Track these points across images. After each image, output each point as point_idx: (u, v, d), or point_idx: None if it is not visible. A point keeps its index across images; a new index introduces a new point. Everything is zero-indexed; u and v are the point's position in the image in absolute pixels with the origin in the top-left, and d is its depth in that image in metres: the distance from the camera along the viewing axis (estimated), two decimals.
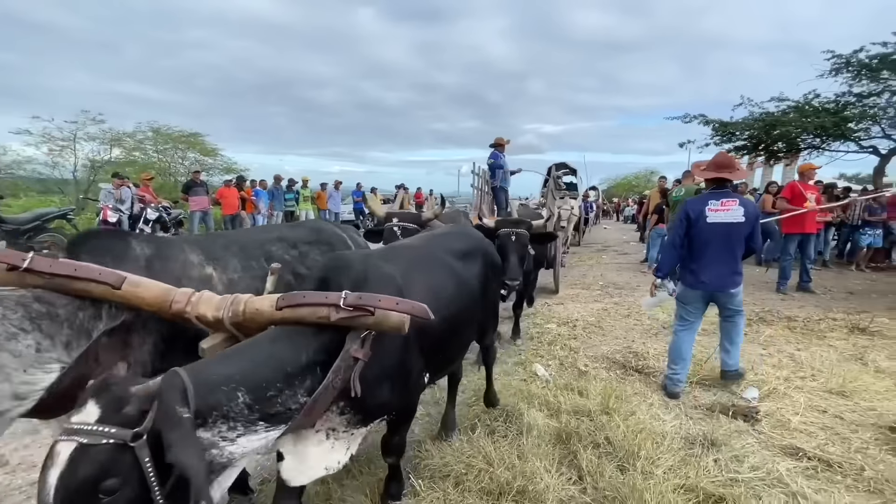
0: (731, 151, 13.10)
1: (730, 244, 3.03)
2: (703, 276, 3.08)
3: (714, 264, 3.05)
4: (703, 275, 3.07)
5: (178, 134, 18.57)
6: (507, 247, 3.31)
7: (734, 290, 3.10)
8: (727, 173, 3.11)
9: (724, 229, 3.02)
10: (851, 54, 10.36)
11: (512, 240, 3.34)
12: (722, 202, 3.04)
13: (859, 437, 2.54)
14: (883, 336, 4.36)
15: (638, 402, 2.91)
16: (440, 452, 2.28)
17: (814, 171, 6.82)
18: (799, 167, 6.45)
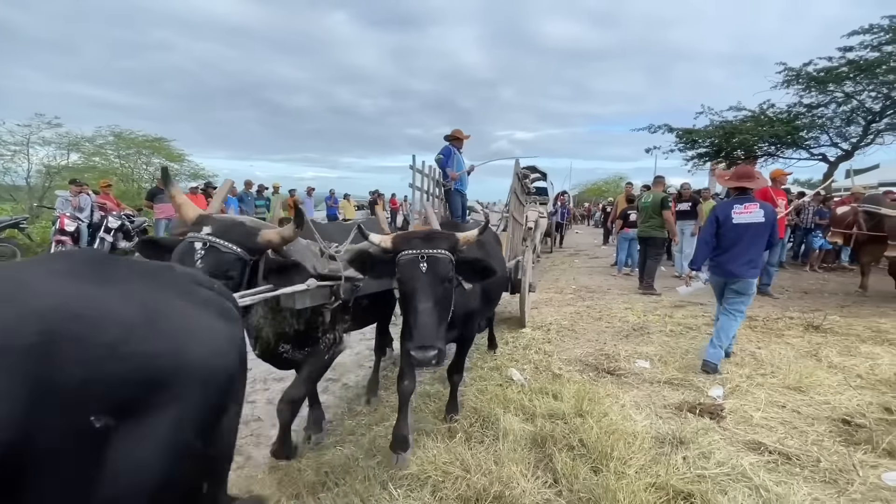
0: (694, 158, 13.68)
1: (751, 241, 3.60)
2: (729, 266, 3.64)
3: (739, 256, 3.61)
4: (730, 265, 3.64)
5: (142, 139, 17.90)
6: (412, 285, 1.91)
7: (751, 279, 3.67)
8: (747, 182, 3.70)
9: (747, 229, 3.59)
10: (801, 67, 11.02)
11: (420, 271, 1.91)
12: (745, 206, 3.63)
13: (815, 430, 2.68)
14: (834, 333, 4.62)
15: (610, 403, 2.98)
16: (417, 460, 2.27)
17: (785, 178, 7.21)
18: (771, 173, 6.80)
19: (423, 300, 1.86)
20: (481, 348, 4.23)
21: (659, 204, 6.86)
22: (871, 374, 3.49)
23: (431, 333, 1.81)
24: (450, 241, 2.05)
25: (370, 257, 2.05)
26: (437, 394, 3.22)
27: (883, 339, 4.37)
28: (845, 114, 11.32)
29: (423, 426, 2.71)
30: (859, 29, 9.87)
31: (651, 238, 7.02)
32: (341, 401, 3.26)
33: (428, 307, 1.85)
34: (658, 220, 6.88)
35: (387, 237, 2.10)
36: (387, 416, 2.87)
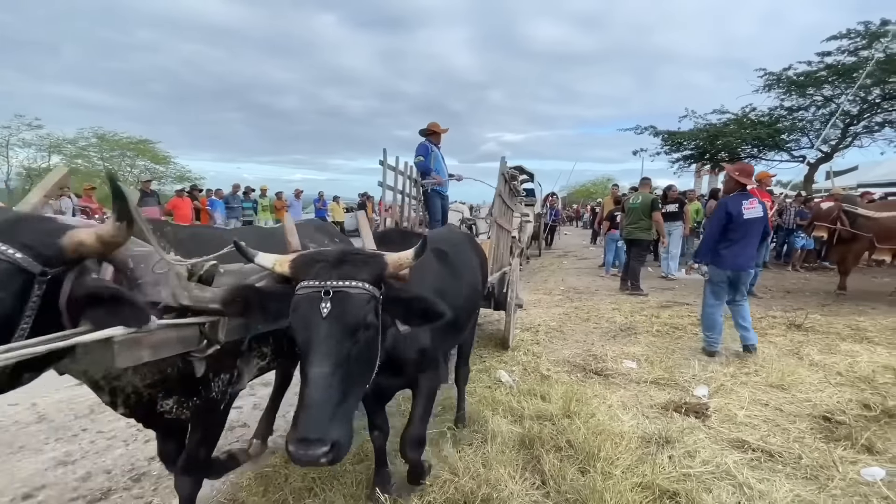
0: (679, 160, 13.89)
1: (755, 234, 3.95)
2: (740, 259, 3.90)
3: (746, 249, 3.92)
4: (739, 258, 3.90)
5: (126, 140, 17.63)
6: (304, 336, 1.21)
7: (752, 271, 4.10)
8: (748, 181, 4.06)
9: (753, 223, 3.89)
10: (781, 72, 11.27)
11: (319, 315, 1.19)
12: (750, 202, 3.91)
13: (797, 428, 2.73)
14: (815, 332, 4.72)
15: (598, 403, 3.00)
16: (405, 464, 2.26)
17: (770, 179, 7.36)
18: (756, 175, 6.96)
19: (318, 363, 1.16)
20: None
21: (649, 206, 6.92)
22: (851, 372, 3.57)
23: (321, 419, 1.13)
24: (373, 266, 1.31)
25: (256, 294, 1.30)
26: None
27: (861, 337, 4.48)
28: (824, 117, 11.60)
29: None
30: (837, 34, 10.13)
31: (637, 240, 7.07)
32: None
33: (322, 375, 1.15)
34: (646, 221, 6.92)
35: (284, 258, 1.35)
36: None
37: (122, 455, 2.51)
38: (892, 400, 3.04)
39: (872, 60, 9.18)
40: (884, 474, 2.21)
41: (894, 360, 3.77)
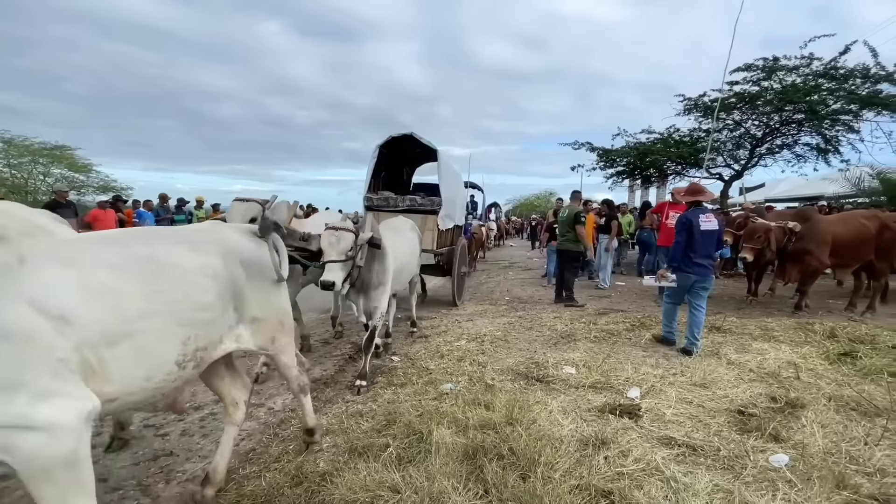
0: (613, 175, 14.81)
1: (711, 244, 4.52)
2: (701, 267, 4.47)
3: (706, 257, 4.49)
4: (699, 265, 4.46)
5: (39, 146, 15.98)
6: None
7: (712, 276, 4.60)
8: (700, 197, 4.69)
9: (711, 235, 4.47)
10: (697, 98, 12.43)
11: None
12: (706, 216, 4.52)
13: (716, 422, 2.96)
14: (732, 333, 5.18)
15: (539, 410, 3.09)
16: (346, 483, 2.20)
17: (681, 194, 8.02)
18: (672, 189, 7.63)
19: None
20: (418, 364, 4.21)
21: (572, 219, 7.13)
22: (761, 368, 3.94)
23: None
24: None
25: None
26: (370, 412, 3.15)
27: (770, 337, 4.96)
28: (735, 139, 12.90)
29: (356, 444, 2.63)
30: (742, 66, 11.36)
31: (567, 251, 7.27)
32: (266, 426, 3.08)
33: None
34: (573, 233, 7.10)
35: None
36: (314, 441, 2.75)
37: None
38: (794, 392, 3.39)
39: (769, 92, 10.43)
40: (787, 460, 2.45)
41: (795, 357, 4.21)
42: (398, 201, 6.40)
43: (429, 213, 6.30)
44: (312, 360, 4.53)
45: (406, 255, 4.39)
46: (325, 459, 2.51)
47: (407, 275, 4.63)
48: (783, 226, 6.22)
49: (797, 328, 5.27)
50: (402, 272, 4.28)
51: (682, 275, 4.54)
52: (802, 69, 11.02)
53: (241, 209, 3.57)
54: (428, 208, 6.32)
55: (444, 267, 6.68)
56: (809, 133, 12.02)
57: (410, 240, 4.74)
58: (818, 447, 2.59)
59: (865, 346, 4.48)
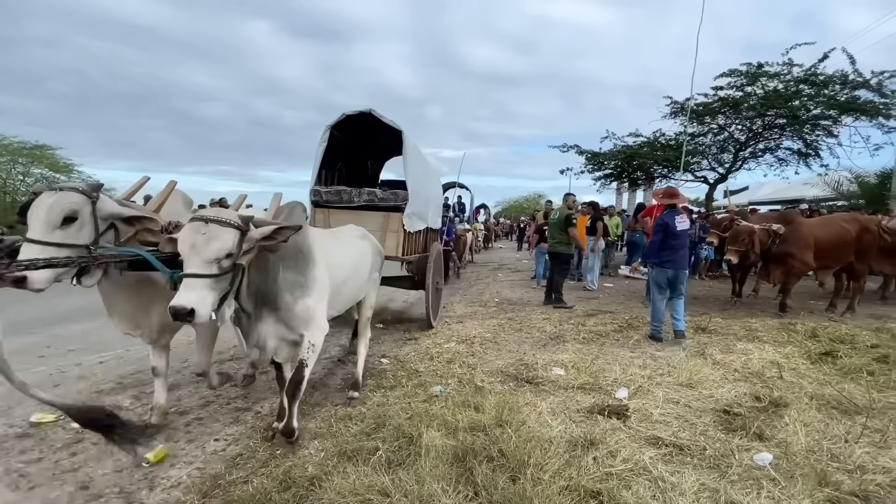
0: (601, 178, 14.97)
1: (686, 242, 5.10)
2: (679, 263, 4.99)
3: (682, 255, 5.04)
4: (679, 262, 5.00)
5: (18, 145, 15.58)
6: None
7: (686, 271, 5.19)
8: (675, 200, 5.22)
9: (684, 234, 5.01)
10: (684, 101, 12.63)
11: None
12: (681, 217, 5.05)
13: (702, 422, 3.00)
14: (717, 333, 5.26)
15: (528, 411, 3.10)
16: (335, 487, 2.18)
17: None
18: (654, 192, 7.70)
19: None
20: (407, 366, 4.19)
21: (563, 221, 7.18)
22: (745, 368, 4.01)
23: None
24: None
25: None
26: (359, 415, 3.12)
27: (753, 337, 5.06)
28: (719, 143, 13.15)
29: (345, 448, 2.61)
30: (727, 72, 11.59)
31: (557, 254, 7.32)
32: (254, 431, 3.03)
33: None
34: (564, 235, 7.14)
35: None
36: (303, 444, 2.73)
37: None
38: (778, 391, 3.45)
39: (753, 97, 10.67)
40: (771, 458, 2.49)
41: (779, 356, 4.30)
42: (353, 196, 5.01)
43: (392, 211, 4.97)
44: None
45: (348, 269, 3.20)
46: (314, 464, 2.48)
47: (349, 295, 3.36)
48: (767, 228, 6.34)
49: (780, 328, 5.37)
50: (341, 291, 3.09)
51: (661, 270, 5.03)
52: (784, 75, 11.29)
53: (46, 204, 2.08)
54: (391, 204, 4.98)
55: (414, 278, 5.52)
56: (791, 138, 12.32)
57: (358, 249, 3.51)
58: (801, 445, 2.64)
59: (845, 345, 4.59)
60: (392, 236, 4.97)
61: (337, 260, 3.00)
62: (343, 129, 5.21)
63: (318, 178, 5.19)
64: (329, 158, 5.23)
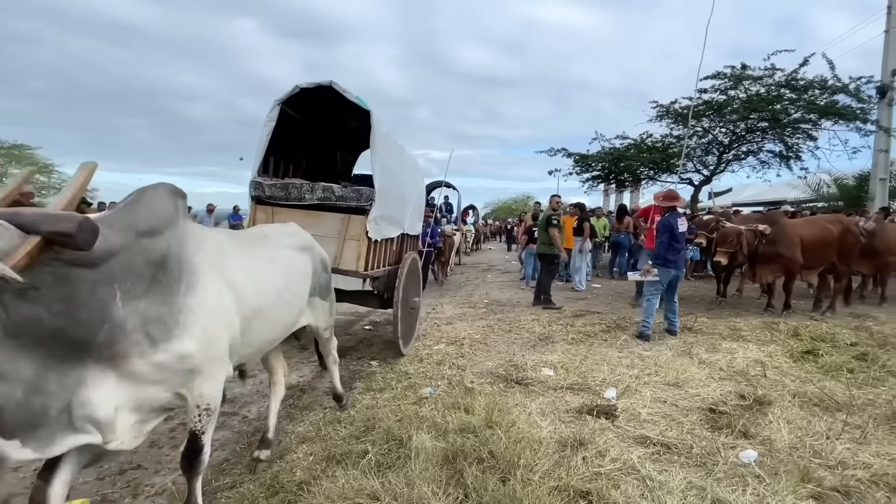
0: (589, 180, 15.10)
1: (684, 244, 5.36)
2: (679, 263, 5.24)
3: (680, 255, 5.24)
4: (680, 262, 5.24)
5: None
6: None
7: (684, 271, 5.54)
8: (676, 203, 5.40)
9: (683, 235, 5.23)
10: (669, 105, 12.82)
11: None
12: (681, 219, 5.23)
13: (689, 420, 3.04)
14: (703, 333, 5.34)
15: (518, 412, 3.11)
16: (324, 492, 2.15)
17: None
18: (655, 195, 7.75)
19: None
20: (397, 369, 4.18)
21: (545, 222, 7.24)
22: (730, 367, 4.08)
23: None
24: None
25: None
26: (348, 418, 3.10)
27: (738, 336, 5.14)
28: (704, 145, 13.38)
29: (334, 451, 2.59)
30: (711, 75, 11.80)
31: (543, 254, 7.37)
32: (240, 436, 2.99)
33: None
34: (546, 236, 7.21)
35: None
36: (291, 448, 2.70)
37: None
38: (762, 389, 3.51)
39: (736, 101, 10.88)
40: (756, 455, 2.54)
41: (762, 355, 4.38)
42: (304, 192, 3.93)
43: (355, 213, 3.89)
44: (290, 366, 4.43)
45: (269, 292, 2.21)
46: (302, 468, 2.46)
47: (273, 330, 2.33)
48: (754, 229, 6.46)
49: (763, 327, 5.48)
50: (257, 324, 2.10)
51: (665, 270, 5.15)
52: (766, 79, 11.54)
53: None
54: (352, 204, 3.89)
55: (383, 296, 4.57)
56: (772, 140, 12.59)
57: (290, 263, 2.50)
58: (784, 442, 2.69)
59: (826, 344, 4.69)
60: (352, 245, 3.85)
61: (249, 278, 2.05)
62: (300, 107, 4.32)
63: (266, 169, 4.24)
64: (283, 144, 4.34)
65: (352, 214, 3.88)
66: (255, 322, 2.07)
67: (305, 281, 2.60)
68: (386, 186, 4.01)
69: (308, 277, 2.63)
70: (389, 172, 4.14)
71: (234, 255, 2.06)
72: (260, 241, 2.47)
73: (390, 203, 4.19)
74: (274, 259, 2.37)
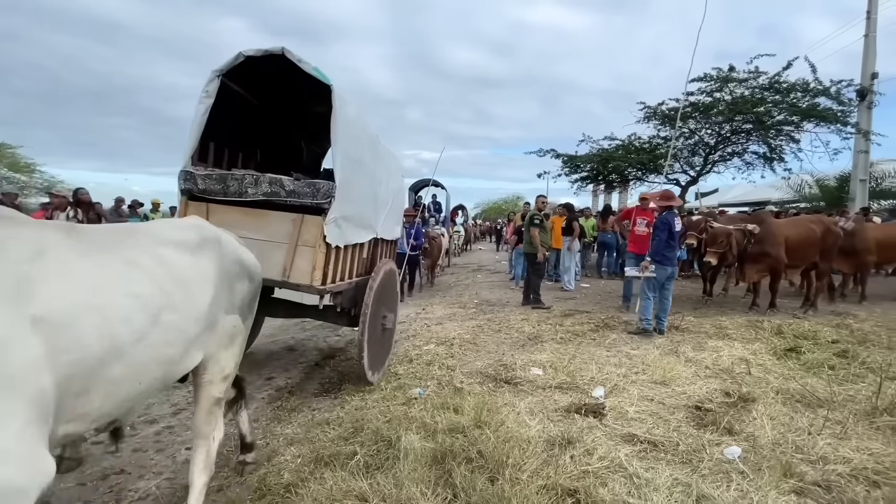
0: (578, 181, 15.22)
1: (678, 243, 5.60)
2: (673, 260, 5.47)
3: (674, 253, 5.50)
4: (673, 259, 5.47)
5: None
6: None
7: (677, 268, 5.96)
8: (672, 203, 5.62)
9: (678, 233, 5.47)
10: (656, 106, 12.98)
11: None
12: (677, 219, 5.45)
13: (675, 418, 3.08)
14: (690, 332, 5.41)
15: (507, 412, 3.12)
16: (311, 494, 2.14)
17: (648, 200, 8.19)
18: (641, 195, 7.86)
19: None
20: (386, 369, 4.16)
21: (528, 222, 7.29)
22: (716, 365, 4.14)
23: None
24: None
25: None
26: (337, 420, 3.08)
27: (724, 335, 5.22)
28: (690, 146, 13.57)
29: (322, 453, 2.57)
30: (697, 77, 11.97)
31: (528, 254, 7.41)
32: (227, 438, 2.95)
33: None
34: (529, 236, 7.25)
35: None
36: (279, 451, 2.67)
37: None
38: (746, 387, 3.57)
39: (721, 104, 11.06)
40: (740, 451, 2.58)
41: (747, 353, 4.45)
42: (246, 185, 3.18)
43: (310, 213, 3.17)
44: (277, 367, 4.40)
45: (132, 320, 1.42)
46: (290, 470, 2.44)
47: (144, 375, 1.48)
48: (742, 229, 6.57)
49: (748, 326, 5.57)
50: (103, 375, 1.32)
51: (662, 267, 5.36)
52: (751, 82, 11.74)
53: None
54: (307, 202, 3.16)
55: (350, 313, 3.87)
56: (757, 142, 12.80)
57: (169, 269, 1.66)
58: (767, 438, 2.74)
59: (808, 341, 4.79)
60: (305, 253, 3.12)
61: (88, 302, 1.31)
62: (249, 83, 3.67)
63: (205, 157, 3.56)
64: (229, 129, 3.65)
65: (306, 214, 3.15)
66: (104, 371, 1.32)
67: (203, 292, 1.76)
68: (350, 180, 3.31)
69: (208, 286, 1.79)
70: (356, 164, 3.44)
71: (61, 266, 1.28)
72: (121, 239, 1.62)
73: (357, 201, 3.50)
74: (140, 265, 1.54)
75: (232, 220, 2.82)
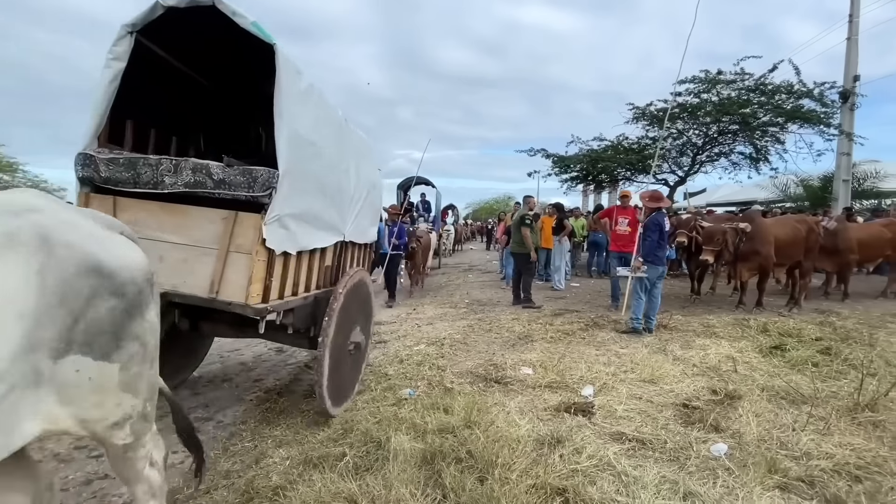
0: (567, 181, 15.31)
1: (667, 241, 5.67)
2: (663, 259, 5.59)
3: (665, 252, 5.61)
4: (663, 258, 5.59)
5: None
6: None
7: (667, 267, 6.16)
8: (662, 203, 5.74)
9: (667, 233, 5.59)
10: (645, 107, 13.10)
11: None
12: (666, 219, 5.60)
13: (663, 416, 3.11)
14: (678, 330, 5.47)
15: (497, 411, 3.12)
16: (300, 496, 2.12)
17: (628, 198, 8.26)
18: (622, 192, 7.92)
19: None
20: (377, 370, 4.15)
21: (518, 222, 7.31)
22: (703, 363, 4.19)
23: None
24: None
25: None
26: (326, 421, 3.06)
27: (711, 333, 5.29)
28: (678, 147, 13.71)
29: (311, 455, 2.55)
30: (685, 78, 12.10)
31: (519, 254, 7.40)
32: (215, 441, 2.92)
33: None
34: (519, 235, 7.26)
35: None
36: (267, 453, 2.65)
37: None
38: (732, 384, 3.62)
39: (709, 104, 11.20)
40: (726, 448, 2.61)
41: (733, 351, 4.51)
42: (162, 172, 2.48)
43: (245, 209, 2.47)
44: (266, 369, 4.36)
45: None
46: (278, 472, 2.41)
47: None
48: (735, 227, 6.65)
49: (735, 324, 5.65)
50: None
51: (654, 267, 5.45)
52: (738, 83, 11.90)
53: None
54: (241, 195, 2.46)
55: (308, 332, 3.26)
56: (743, 143, 12.99)
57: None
58: (753, 435, 2.78)
59: (793, 339, 4.87)
60: (239, 261, 2.42)
61: None
62: (176, 48, 2.98)
63: (116, 139, 2.82)
64: (152, 103, 3.02)
65: (241, 212, 2.45)
66: None
67: (13, 320, 1.05)
68: (302, 168, 2.61)
69: (24, 307, 1.07)
70: (311, 147, 2.71)
71: None
72: None
73: (313, 194, 2.82)
74: None
75: (145, 219, 2.32)
